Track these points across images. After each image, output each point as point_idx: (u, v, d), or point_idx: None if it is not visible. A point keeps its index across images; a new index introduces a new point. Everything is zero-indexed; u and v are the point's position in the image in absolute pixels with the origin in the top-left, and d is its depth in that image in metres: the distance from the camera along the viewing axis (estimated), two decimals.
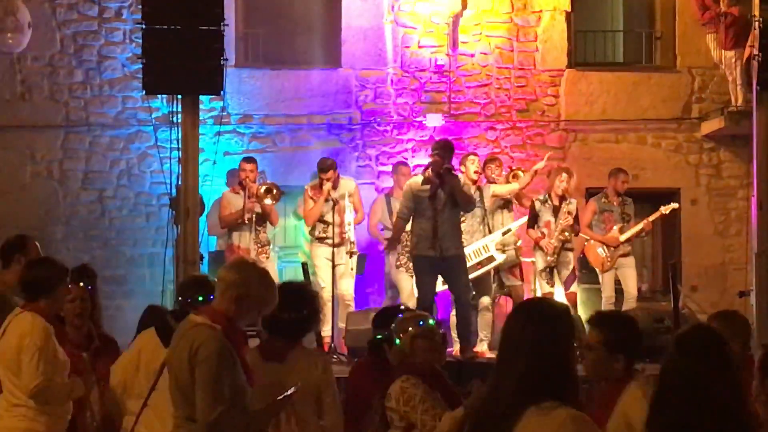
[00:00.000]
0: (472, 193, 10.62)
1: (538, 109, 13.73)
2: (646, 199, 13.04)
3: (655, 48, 14.21)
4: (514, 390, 3.21)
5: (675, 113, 13.85)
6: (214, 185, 12.29)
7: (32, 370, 5.71)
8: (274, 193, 11.39)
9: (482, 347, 10.97)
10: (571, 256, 11.75)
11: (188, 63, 9.45)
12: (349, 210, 11.43)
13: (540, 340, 3.26)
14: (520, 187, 11.80)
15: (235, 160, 12.96)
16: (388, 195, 12.12)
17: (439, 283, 10.54)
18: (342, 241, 11.38)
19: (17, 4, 12.00)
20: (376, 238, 12.21)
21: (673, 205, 12.17)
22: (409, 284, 11.31)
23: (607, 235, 11.89)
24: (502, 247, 11.37)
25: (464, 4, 13.39)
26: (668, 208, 12.09)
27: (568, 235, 11.61)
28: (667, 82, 13.90)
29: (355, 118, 13.48)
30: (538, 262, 11.68)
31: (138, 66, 10.65)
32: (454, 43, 13.47)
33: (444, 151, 10.32)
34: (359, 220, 11.77)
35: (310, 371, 5.44)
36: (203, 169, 10.87)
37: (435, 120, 13.41)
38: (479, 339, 11.05)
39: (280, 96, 13.43)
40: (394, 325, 5.86)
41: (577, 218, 11.76)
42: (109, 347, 6.81)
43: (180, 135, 9.79)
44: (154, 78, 9.59)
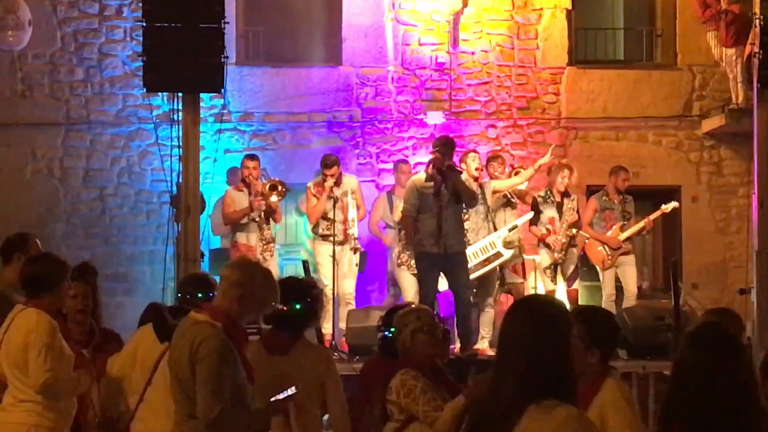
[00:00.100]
0: (474, 189, 10.62)
1: (539, 107, 13.72)
2: (647, 197, 13.05)
3: (656, 45, 14.21)
4: (514, 389, 3.20)
5: (676, 111, 13.85)
6: (214, 183, 12.30)
7: (40, 366, 5.71)
8: (279, 189, 11.36)
9: (483, 344, 10.96)
10: (575, 252, 11.77)
11: (189, 61, 9.44)
12: (352, 206, 11.43)
13: (541, 339, 3.25)
14: (521, 181, 11.77)
15: (236, 158, 12.96)
16: (390, 193, 12.11)
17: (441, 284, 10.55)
18: (346, 239, 11.38)
19: (18, 1, 11.99)
20: (377, 235, 12.20)
21: (674, 204, 12.17)
22: (411, 282, 11.29)
23: (608, 236, 11.88)
24: (508, 243, 11.38)
25: (465, 2, 13.35)
26: (669, 207, 12.09)
27: (575, 231, 11.63)
28: (667, 80, 13.89)
29: (356, 115, 13.48)
30: (543, 259, 11.68)
31: (139, 64, 10.64)
32: (455, 41, 13.46)
33: (445, 147, 10.32)
34: (361, 217, 11.76)
35: (314, 365, 5.46)
36: (204, 167, 10.86)
37: (436, 118, 13.41)
38: (480, 336, 11.05)
39: (281, 94, 13.43)
40: (395, 320, 5.88)
41: (578, 214, 11.77)
42: (112, 342, 6.80)
43: (180, 133, 9.78)
44: (155, 76, 9.58)
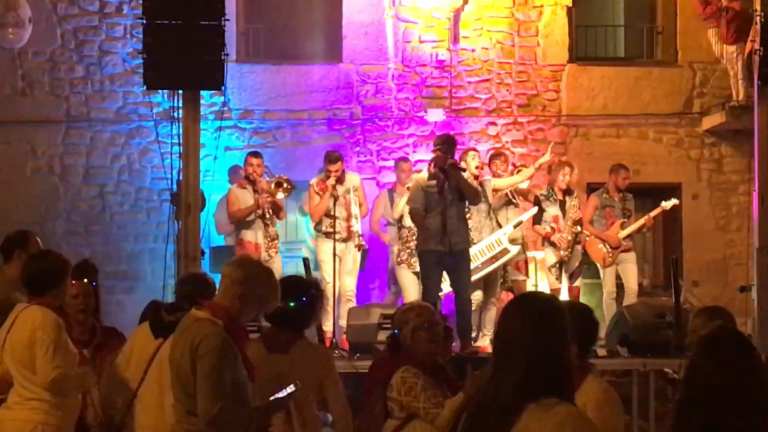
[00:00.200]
0: (477, 187, 10.61)
1: (540, 104, 13.72)
2: (647, 194, 13.05)
3: (657, 43, 14.20)
4: (515, 388, 3.19)
5: (676, 108, 13.85)
6: (215, 181, 12.28)
7: (48, 362, 5.69)
8: (285, 186, 11.35)
9: (484, 342, 10.95)
10: (579, 249, 11.78)
11: (189, 58, 9.43)
12: (354, 203, 11.43)
13: (541, 337, 3.23)
14: (521, 180, 11.76)
15: (236, 156, 12.96)
16: (391, 190, 12.10)
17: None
18: (349, 236, 11.38)
19: None
20: (377, 233, 12.20)
21: (674, 201, 12.17)
22: (411, 281, 11.31)
23: (608, 234, 11.88)
24: (512, 240, 11.39)
25: None
26: (669, 204, 12.08)
27: (579, 228, 11.64)
28: (668, 77, 13.89)
29: (356, 113, 13.48)
30: (548, 257, 11.68)
31: (139, 61, 10.63)
32: (455, 38, 13.45)
33: (446, 146, 10.30)
34: (363, 215, 11.76)
35: (313, 364, 5.46)
36: (204, 165, 10.84)
37: (436, 115, 13.40)
38: (482, 334, 11.04)
39: (281, 91, 13.42)
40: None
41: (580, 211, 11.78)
42: (114, 340, 6.78)
43: (181, 130, 9.77)
44: (155, 73, 9.56)
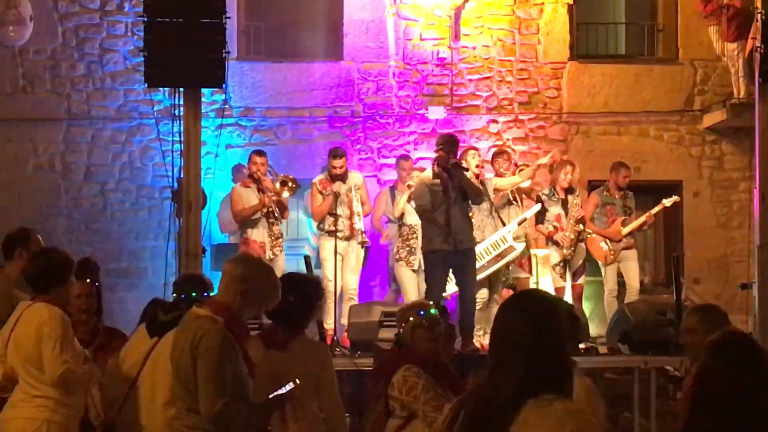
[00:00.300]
0: (479, 185, 10.61)
1: (541, 102, 13.71)
2: (648, 192, 13.05)
3: (658, 40, 14.19)
4: (515, 385, 3.18)
5: (677, 105, 13.84)
6: (216, 178, 12.29)
7: (56, 358, 5.68)
8: (290, 185, 11.35)
9: (486, 340, 10.94)
10: (583, 247, 11.78)
11: (190, 56, 9.41)
12: (356, 200, 11.44)
13: (541, 335, 3.22)
14: (521, 180, 11.78)
15: (237, 153, 12.97)
16: (392, 188, 12.10)
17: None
18: (352, 234, 11.39)
19: None
20: (379, 230, 12.20)
21: (675, 198, 12.17)
22: (410, 279, 11.35)
23: (610, 230, 11.89)
24: (516, 238, 11.41)
25: None
26: (670, 201, 12.08)
27: (582, 226, 11.64)
28: (669, 75, 13.88)
29: (357, 110, 13.47)
30: (552, 256, 11.69)
31: (140, 59, 10.61)
32: (456, 36, 13.44)
33: (448, 145, 10.31)
34: (366, 213, 11.77)
35: (311, 360, 5.45)
36: (205, 163, 10.86)
37: (437, 113, 13.40)
38: (484, 332, 11.04)
39: (282, 89, 13.41)
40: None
41: (582, 210, 11.79)
42: (116, 341, 6.78)
43: (182, 128, 9.76)
44: (156, 71, 9.55)
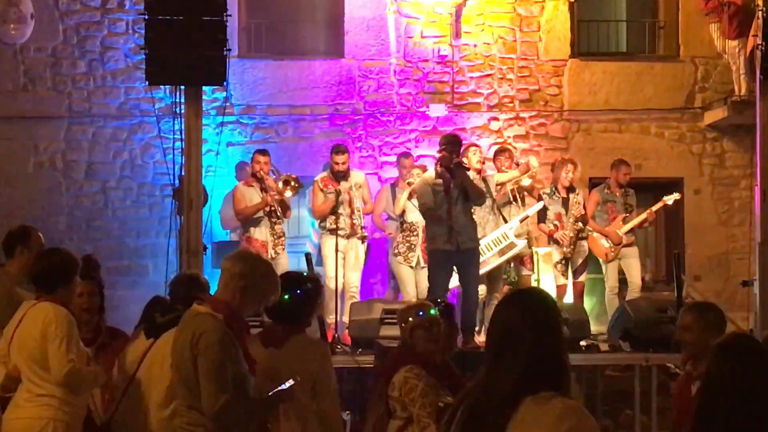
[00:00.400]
0: (482, 186, 10.60)
1: (542, 99, 13.71)
2: (649, 189, 13.04)
3: (659, 38, 14.18)
4: (513, 382, 3.20)
5: (678, 103, 13.84)
6: (217, 176, 12.29)
7: (62, 356, 5.68)
8: (292, 185, 11.35)
9: (483, 337, 10.95)
10: (585, 245, 11.78)
11: (191, 54, 9.40)
12: (357, 199, 11.46)
13: (540, 333, 3.25)
14: (519, 174, 11.79)
15: (238, 151, 12.98)
16: (393, 185, 12.11)
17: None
18: (353, 232, 11.41)
19: None
20: (379, 227, 12.21)
21: (676, 195, 12.16)
22: (408, 275, 11.41)
23: (609, 229, 11.88)
24: (518, 235, 11.42)
25: None
26: (671, 198, 12.08)
27: (582, 224, 11.64)
28: (670, 72, 13.88)
29: (358, 108, 13.47)
30: (553, 254, 11.71)
31: (141, 57, 10.61)
32: (457, 33, 13.44)
33: (451, 145, 10.32)
34: (367, 211, 11.78)
35: (307, 358, 5.44)
36: (206, 160, 10.87)
37: (438, 110, 13.40)
38: (485, 330, 11.05)
39: (283, 86, 13.41)
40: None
41: (584, 208, 11.78)
42: (118, 340, 6.77)
43: (183, 126, 9.76)
44: (157, 69, 9.54)
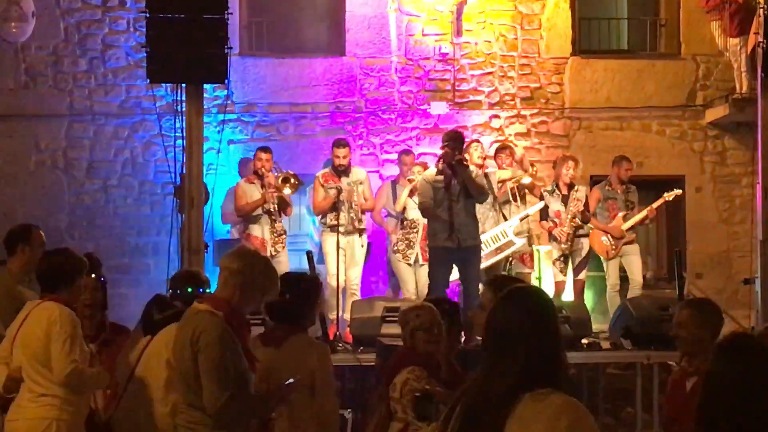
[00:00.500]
0: (484, 183, 10.60)
1: (543, 97, 13.71)
2: (650, 187, 13.03)
3: (660, 35, 14.17)
4: (511, 380, 3.23)
5: (679, 101, 13.83)
6: (218, 174, 12.29)
7: (64, 356, 5.67)
8: (292, 182, 11.36)
9: None
10: (584, 242, 11.78)
11: (192, 52, 9.40)
12: (357, 195, 11.46)
13: (537, 330, 3.28)
14: (524, 173, 11.84)
15: (239, 149, 12.98)
16: (394, 182, 12.12)
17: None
18: (354, 229, 11.42)
19: None
20: (379, 223, 12.22)
21: (677, 192, 12.15)
22: (407, 273, 11.44)
23: (611, 225, 11.89)
24: (518, 233, 11.42)
25: None
26: (671, 195, 12.07)
27: (579, 221, 11.64)
28: (671, 70, 13.87)
29: (360, 106, 13.47)
30: (552, 251, 11.72)
31: (142, 55, 10.59)
32: (459, 31, 13.43)
33: (454, 142, 10.33)
34: (368, 209, 11.79)
35: (305, 358, 5.44)
36: (207, 158, 10.86)
37: (439, 108, 13.40)
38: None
39: (284, 84, 13.41)
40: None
41: (587, 205, 11.78)
42: (121, 336, 6.76)
43: (184, 124, 9.77)
44: (158, 67, 9.54)
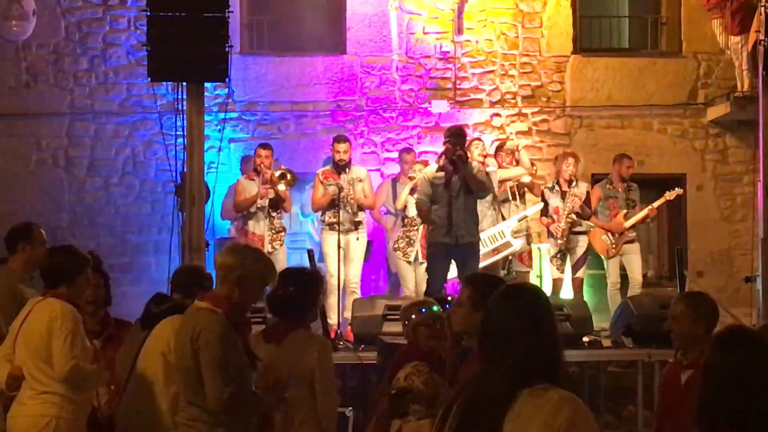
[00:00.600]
0: (486, 179, 10.59)
1: (544, 96, 13.70)
2: (652, 185, 13.03)
3: (661, 33, 14.17)
4: (510, 376, 3.27)
5: (681, 99, 13.83)
6: (219, 172, 12.29)
7: (66, 353, 5.68)
8: (288, 178, 11.35)
9: None
10: (581, 240, 11.77)
11: (193, 50, 9.40)
12: (355, 191, 11.46)
13: (534, 327, 3.32)
14: (523, 172, 11.83)
15: (240, 148, 12.98)
16: (395, 180, 12.13)
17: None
18: (353, 227, 11.42)
19: None
20: (377, 220, 12.22)
21: (678, 191, 12.15)
22: (407, 270, 11.47)
23: (612, 222, 11.89)
24: (515, 232, 11.42)
25: None
26: (673, 194, 12.07)
27: (576, 217, 11.63)
28: (672, 68, 13.86)
29: (360, 105, 13.46)
30: (550, 248, 11.73)
31: (143, 53, 10.59)
32: (459, 30, 13.42)
33: (456, 138, 10.33)
34: (368, 206, 11.79)
35: (304, 355, 5.44)
36: (208, 157, 10.86)
37: (440, 106, 13.40)
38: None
39: (285, 83, 13.41)
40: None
41: (588, 202, 11.77)
42: (124, 332, 6.75)
43: (185, 122, 9.78)
44: (159, 65, 9.54)
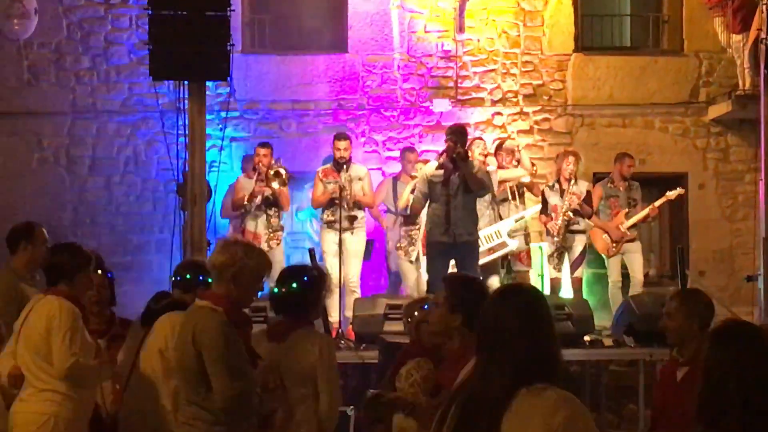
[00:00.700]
0: (486, 178, 10.58)
1: (545, 94, 13.70)
2: (653, 184, 13.04)
3: (663, 32, 14.16)
4: (508, 375, 3.28)
5: (682, 97, 13.82)
6: (221, 171, 12.29)
7: (65, 350, 5.69)
8: (283, 176, 11.36)
9: None
10: (577, 238, 11.76)
11: (195, 49, 9.42)
12: (354, 188, 11.47)
13: (531, 326, 3.33)
14: (524, 173, 11.84)
15: (242, 146, 12.98)
16: (396, 178, 12.12)
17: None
18: (348, 224, 11.42)
19: None
20: (376, 218, 12.22)
21: (679, 191, 12.15)
22: (409, 269, 11.47)
23: (609, 225, 11.88)
24: (513, 232, 11.43)
25: None
26: (674, 194, 12.07)
27: (573, 215, 11.63)
28: (674, 66, 13.86)
29: (362, 103, 13.46)
30: (547, 246, 11.73)
31: (144, 52, 10.62)
32: (461, 28, 13.41)
33: (457, 136, 10.31)
34: (368, 205, 11.79)
35: (307, 353, 5.43)
36: (210, 156, 10.87)
37: (442, 105, 13.40)
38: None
39: (287, 82, 13.42)
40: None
41: (589, 201, 11.76)
42: (129, 331, 6.80)
43: (186, 121, 9.79)
44: (161, 64, 9.56)
